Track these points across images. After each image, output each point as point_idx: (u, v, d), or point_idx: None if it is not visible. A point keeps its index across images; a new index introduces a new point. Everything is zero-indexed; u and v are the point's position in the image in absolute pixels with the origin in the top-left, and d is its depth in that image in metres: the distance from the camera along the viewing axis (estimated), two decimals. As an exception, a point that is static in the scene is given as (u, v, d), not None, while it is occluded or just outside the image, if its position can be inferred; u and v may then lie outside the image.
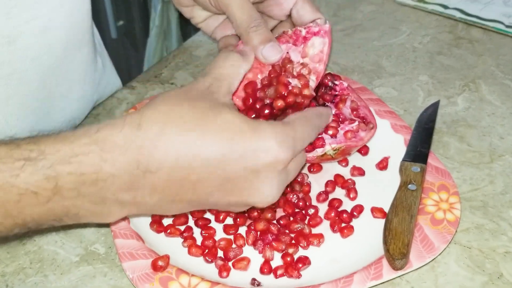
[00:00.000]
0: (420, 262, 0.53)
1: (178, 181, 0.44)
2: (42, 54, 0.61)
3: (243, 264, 0.54)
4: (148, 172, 0.43)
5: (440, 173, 0.61)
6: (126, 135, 0.43)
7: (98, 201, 0.44)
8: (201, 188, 0.46)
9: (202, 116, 0.45)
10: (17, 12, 0.57)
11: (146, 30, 1.53)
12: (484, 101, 0.76)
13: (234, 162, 0.45)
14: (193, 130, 0.44)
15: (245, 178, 0.46)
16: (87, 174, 0.42)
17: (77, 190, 0.43)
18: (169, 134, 0.43)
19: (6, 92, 0.59)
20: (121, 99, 0.79)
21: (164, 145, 0.43)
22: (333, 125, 0.62)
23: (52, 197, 0.42)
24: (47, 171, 0.41)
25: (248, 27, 0.56)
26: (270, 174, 0.47)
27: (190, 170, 0.44)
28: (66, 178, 0.42)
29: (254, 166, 0.45)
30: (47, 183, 0.42)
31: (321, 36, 0.59)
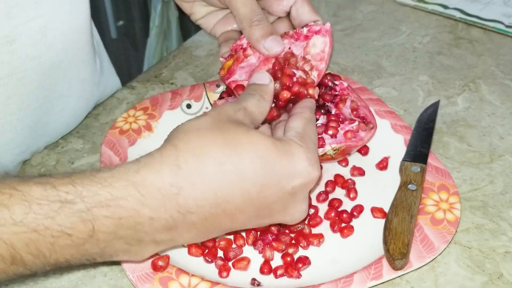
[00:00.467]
0: (420, 262, 0.53)
1: (217, 215, 0.45)
2: (41, 54, 0.61)
3: (243, 264, 0.54)
4: (189, 213, 0.44)
5: (440, 173, 0.61)
6: (165, 177, 0.43)
7: (134, 243, 0.44)
8: (239, 217, 0.46)
9: (235, 143, 0.45)
10: (16, 12, 0.57)
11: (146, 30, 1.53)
12: (484, 101, 0.76)
13: (272, 188, 0.46)
14: (229, 161, 0.44)
15: (282, 201, 0.47)
16: (125, 218, 0.42)
17: (114, 233, 0.42)
18: (206, 171, 0.43)
19: (6, 92, 0.59)
20: (121, 99, 0.79)
21: (202, 184, 0.43)
22: (333, 125, 0.62)
23: (88, 239, 0.42)
24: (83, 215, 0.41)
25: (251, 21, 0.57)
26: (304, 194, 0.48)
27: (229, 204, 0.45)
28: (103, 221, 0.41)
29: (291, 190, 0.47)
30: (83, 226, 0.41)
31: (322, 35, 0.59)
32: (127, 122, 0.69)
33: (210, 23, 0.67)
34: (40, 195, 0.40)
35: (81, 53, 0.69)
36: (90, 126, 0.74)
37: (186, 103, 0.73)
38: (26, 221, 0.40)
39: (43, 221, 0.40)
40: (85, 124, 0.74)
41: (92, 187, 0.41)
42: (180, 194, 0.43)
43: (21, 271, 0.42)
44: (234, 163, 0.44)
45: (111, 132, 0.68)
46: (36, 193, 0.40)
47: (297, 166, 0.46)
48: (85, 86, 0.72)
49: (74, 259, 0.43)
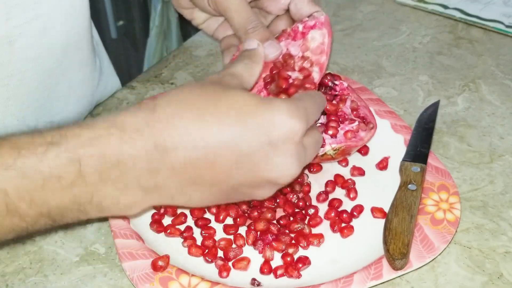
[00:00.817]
0: (420, 262, 0.53)
1: (195, 159, 0.45)
2: (41, 54, 0.61)
3: (243, 264, 0.54)
4: (165, 152, 0.44)
5: (440, 173, 0.61)
6: (142, 117, 0.44)
7: (121, 187, 0.44)
8: (219, 167, 0.46)
9: (214, 96, 0.46)
10: (16, 13, 0.57)
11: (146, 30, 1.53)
12: (484, 101, 0.76)
13: (249, 136, 0.45)
14: (206, 109, 0.45)
15: (262, 152, 0.46)
16: (109, 156, 0.43)
17: (100, 173, 0.43)
18: (183, 114, 0.45)
19: (6, 93, 0.59)
20: (121, 99, 0.79)
21: (178, 124, 0.44)
22: (333, 125, 0.62)
23: (76, 180, 0.43)
24: (69, 154, 0.42)
25: (246, 30, 0.58)
26: (287, 146, 0.47)
27: (207, 149, 0.45)
28: (88, 160, 0.43)
29: (270, 139, 0.46)
30: (70, 166, 0.42)
31: (318, 28, 0.59)
32: (127, 122, 0.69)
33: (212, 27, 0.68)
34: (27, 141, 0.42)
35: (81, 54, 0.69)
36: (90, 126, 0.74)
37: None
38: (16, 166, 0.41)
39: (32, 164, 0.42)
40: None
41: (76, 130, 0.43)
42: (157, 134, 0.44)
43: (16, 223, 0.43)
44: (211, 111, 0.45)
45: (111, 132, 0.68)
46: (24, 140, 0.42)
47: (277, 117, 0.46)
48: (85, 87, 0.72)
49: (66, 208, 0.44)
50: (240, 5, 0.59)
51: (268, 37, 0.58)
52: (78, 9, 0.65)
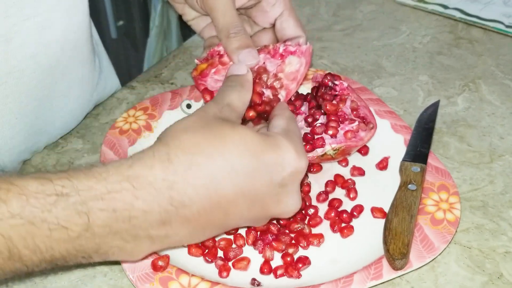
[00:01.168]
0: (420, 262, 0.53)
1: (210, 209, 0.45)
2: (39, 52, 0.61)
3: (243, 264, 0.54)
4: (182, 206, 0.44)
5: (440, 173, 0.61)
6: (157, 171, 0.44)
7: (130, 239, 0.44)
8: (233, 211, 0.47)
9: (225, 138, 0.46)
10: (14, 11, 0.57)
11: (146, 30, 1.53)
12: (484, 101, 0.76)
13: (262, 180, 0.46)
14: (219, 155, 0.45)
15: (273, 193, 0.48)
16: (120, 211, 0.43)
17: (109, 226, 0.43)
18: (198, 165, 0.44)
19: (4, 91, 0.59)
20: (121, 99, 0.79)
21: (195, 178, 0.44)
22: (333, 125, 0.62)
23: (83, 233, 0.42)
24: (79, 207, 0.42)
25: (228, 33, 0.59)
26: (294, 184, 0.49)
27: (222, 197, 0.45)
28: (98, 214, 0.42)
29: (281, 181, 0.48)
30: (78, 219, 0.42)
31: (297, 56, 0.60)
32: (127, 122, 0.69)
33: (200, 25, 0.69)
34: (36, 189, 0.41)
35: (79, 52, 0.69)
36: (90, 126, 0.74)
37: (186, 103, 0.73)
38: (23, 214, 0.40)
39: (39, 214, 0.41)
40: (85, 124, 0.74)
41: (87, 181, 0.42)
42: (173, 188, 0.44)
43: (18, 267, 0.42)
44: (224, 157, 0.45)
45: (111, 132, 0.68)
46: (33, 187, 0.41)
47: (285, 157, 0.47)
48: (84, 86, 0.72)
49: (70, 256, 0.43)
50: (226, 7, 0.59)
51: (248, 44, 0.59)
52: (76, 7, 0.65)
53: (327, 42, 0.90)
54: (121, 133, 0.68)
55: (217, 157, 0.45)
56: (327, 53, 0.87)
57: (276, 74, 0.60)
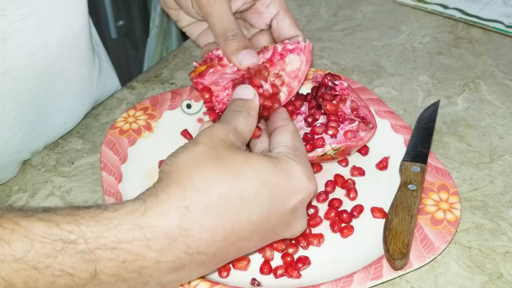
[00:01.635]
0: (420, 262, 0.53)
1: (225, 248, 0.44)
2: (37, 51, 0.61)
3: (243, 264, 0.54)
4: (197, 253, 0.43)
5: (440, 173, 0.61)
6: (172, 219, 0.41)
7: (139, 286, 0.43)
8: (246, 246, 0.46)
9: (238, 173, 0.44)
10: (11, 9, 0.57)
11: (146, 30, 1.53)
12: (484, 101, 0.76)
13: (276, 212, 0.46)
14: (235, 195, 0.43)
15: (284, 221, 0.47)
16: (130, 262, 0.41)
17: (117, 275, 0.41)
18: (214, 208, 0.42)
19: (2, 90, 0.59)
20: (121, 99, 0.79)
21: (212, 222, 0.42)
22: (333, 125, 0.62)
23: (90, 281, 0.40)
24: (86, 256, 0.40)
25: (226, 37, 0.59)
26: (303, 209, 0.49)
27: (238, 236, 0.44)
28: (106, 263, 0.40)
29: (292, 207, 0.47)
30: (85, 267, 0.40)
31: (296, 53, 0.60)
32: (127, 122, 0.69)
33: (195, 32, 0.69)
34: (43, 233, 0.39)
35: (78, 51, 0.69)
36: (90, 126, 0.74)
37: (186, 103, 0.73)
38: (27, 258, 0.38)
39: (44, 260, 0.39)
40: (85, 124, 0.74)
41: (96, 228, 0.40)
42: (189, 236, 0.42)
43: None
44: (240, 195, 0.43)
45: (111, 132, 0.68)
46: (39, 230, 0.39)
47: (297, 184, 0.47)
48: (83, 85, 0.72)
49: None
50: (223, 12, 0.60)
51: (246, 45, 0.59)
52: (75, 6, 0.65)
53: (327, 42, 0.90)
54: (121, 133, 0.68)
55: (233, 196, 0.43)
56: (327, 53, 0.87)
57: (278, 73, 0.60)
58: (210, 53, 0.63)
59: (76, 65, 0.69)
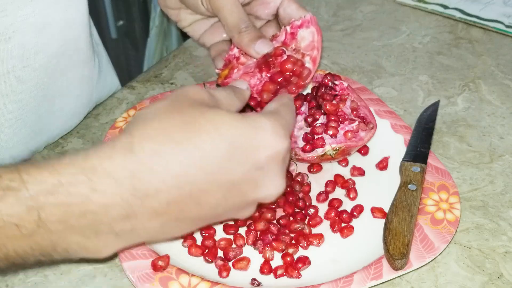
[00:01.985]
0: (420, 262, 0.53)
1: (181, 199, 0.42)
2: (38, 52, 0.61)
3: (243, 264, 0.54)
4: (146, 196, 0.41)
5: (440, 173, 0.61)
6: (117, 161, 0.40)
7: (91, 234, 0.41)
8: (207, 201, 0.43)
9: (194, 124, 0.42)
10: (12, 9, 0.57)
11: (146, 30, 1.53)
12: (484, 101, 0.76)
13: (237, 166, 0.43)
14: (189, 142, 0.41)
15: (250, 178, 0.44)
16: (75, 205, 0.39)
17: (65, 222, 0.40)
18: (164, 153, 0.41)
19: (3, 90, 0.59)
20: (121, 99, 0.79)
21: (161, 166, 0.40)
22: (333, 125, 0.62)
23: (37, 229, 0.39)
24: (28, 202, 0.38)
25: (239, 29, 0.59)
26: (273, 167, 0.45)
27: (193, 185, 0.42)
28: (51, 209, 0.39)
29: (255, 162, 0.44)
30: (29, 215, 0.39)
31: (305, 27, 0.60)
32: (127, 122, 0.69)
33: (198, 31, 0.68)
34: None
35: (79, 51, 0.69)
36: (90, 126, 0.74)
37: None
38: None
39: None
40: (85, 124, 0.74)
41: (38, 175, 0.39)
42: (135, 177, 0.40)
43: None
44: (195, 144, 0.41)
45: (111, 132, 0.68)
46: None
47: (261, 138, 0.44)
48: (83, 85, 0.72)
49: (27, 254, 0.41)
50: (233, 5, 0.60)
51: (260, 35, 0.59)
52: (75, 6, 0.65)
53: (327, 42, 0.90)
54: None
55: (186, 144, 0.41)
56: (327, 53, 0.87)
57: (295, 48, 0.60)
58: (227, 55, 0.62)
59: (76, 65, 0.69)
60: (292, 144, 0.63)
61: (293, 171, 0.65)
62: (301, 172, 0.64)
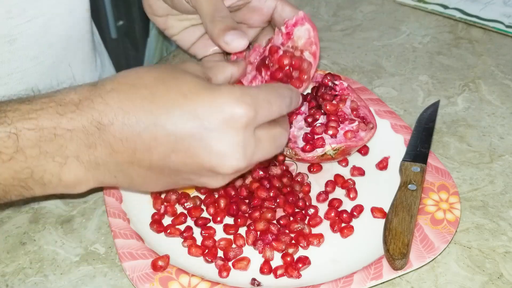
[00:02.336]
0: (420, 262, 0.53)
1: (131, 138, 0.44)
2: (41, 53, 0.61)
3: (243, 264, 0.54)
4: (101, 126, 0.44)
5: (440, 173, 0.61)
6: (80, 94, 0.44)
7: (61, 162, 0.44)
8: (156, 150, 0.45)
9: (158, 76, 0.45)
10: (17, 12, 0.57)
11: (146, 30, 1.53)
12: (484, 101, 0.76)
13: (185, 118, 0.44)
14: (145, 88, 0.44)
15: (199, 136, 0.44)
16: (46, 129, 0.43)
17: (38, 147, 0.43)
18: (121, 91, 0.44)
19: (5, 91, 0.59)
20: (121, 99, 0.79)
21: (115, 101, 0.44)
22: (333, 125, 0.62)
23: (14, 155, 0.43)
24: (7, 128, 0.42)
25: (213, 17, 0.56)
26: (228, 133, 0.44)
27: (141, 128, 0.44)
28: (26, 134, 0.43)
29: (208, 124, 0.43)
30: (8, 140, 0.42)
31: (300, 24, 0.60)
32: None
33: (187, 40, 0.66)
34: None
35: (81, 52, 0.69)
36: (90, 126, 0.74)
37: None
38: None
39: None
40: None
41: (15, 105, 0.44)
42: (94, 108, 0.44)
43: None
44: (152, 90, 0.44)
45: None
46: None
47: (218, 101, 0.44)
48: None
49: (7, 183, 0.44)
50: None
51: (233, 27, 0.56)
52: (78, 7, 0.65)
53: (327, 42, 0.90)
54: (121, 133, 0.68)
55: (142, 90, 0.44)
56: (327, 53, 0.87)
57: (292, 46, 0.60)
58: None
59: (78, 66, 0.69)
60: (292, 144, 0.63)
61: (293, 171, 0.65)
62: (301, 172, 0.64)
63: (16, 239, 0.59)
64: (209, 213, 0.59)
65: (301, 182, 0.62)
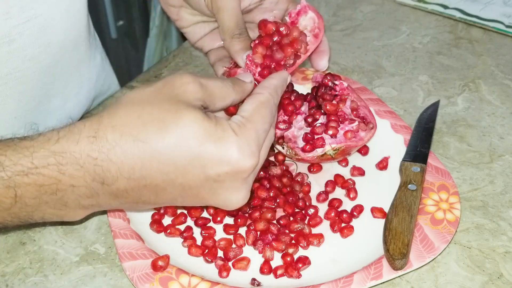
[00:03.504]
0: (420, 262, 0.53)
1: (137, 189, 0.45)
2: (40, 53, 0.61)
3: (243, 264, 0.54)
4: (105, 184, 0.44)
5: (440, 173, 0.61)
6: (82, 148, 0.43)
7: (61, 207, 0.45)
8: (163, 195, 0.46)
9: (160, 122, 0.43)
10: (15, 12, 0.57)
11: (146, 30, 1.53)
12: (484, 101, 0.76)
13: (194, 173, 0.44)
14: (151, 138, 0.43)
15: (207, 187, 0.45)
16: (47, 186, 0.43)
17: (39, 198, 0.44)
18: (124, 145, 0.43)
19: (4, 92, 0.59)
20: (121, 99, 0.79)
21: (118, 157, 0.43)
22: (333, 125, 0.62)
23: (14, 204, 0.44)
24: (6, 182, 0.43)
25: (232, 34, 0.58)
26: (235, 183, 0.46)
27: (149, 179, 0.44)
28: (26, 188, 0.43)
29: (216, 177, 0.45)
30: (7, 192, 0.43)
31: (303, 13, 0.60)
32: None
33: (196, 34, 0.67)
34: None
35: (78, 52, 0.69)
36: (90, 126, 0.74)
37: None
38: None
39: None
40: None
41: (14, 157, 0.43)
42: (97, 165, 0.43)
43: None
44: (155, 144, 0.43)
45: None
46: None
47: (225, 153, 0.44)
48: (82, 85, 0.72)
49: (6, 222, 0.46)
50: (234, 8, 0.59)
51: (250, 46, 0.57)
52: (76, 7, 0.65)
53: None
54: (121, 133, 0.68)
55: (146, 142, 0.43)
56: (327, 53, 0.87)
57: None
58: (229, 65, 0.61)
59: (76, 65, 0.69)
60: (292, 144, 0.63)
61: (293, 171, 0.65)
62: (301, 172, 0.64)
63: (16, 239, 0.59)
64: (209, 213, 0.59)
65: (301, 182, 0.62)
